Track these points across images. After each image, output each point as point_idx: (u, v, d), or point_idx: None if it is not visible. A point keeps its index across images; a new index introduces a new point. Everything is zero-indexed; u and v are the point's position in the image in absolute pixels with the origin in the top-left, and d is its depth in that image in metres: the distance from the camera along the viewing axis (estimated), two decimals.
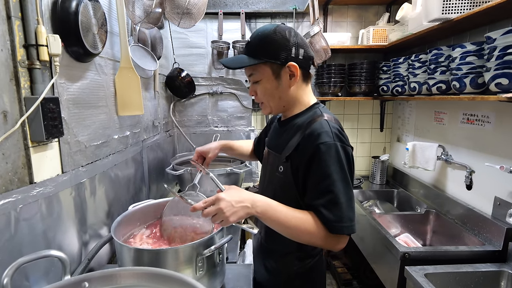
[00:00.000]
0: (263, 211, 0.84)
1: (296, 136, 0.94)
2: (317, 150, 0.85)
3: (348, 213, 0.84)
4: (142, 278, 0.70)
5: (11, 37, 0.78)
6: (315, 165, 0.86)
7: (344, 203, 0.84)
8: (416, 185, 2.14)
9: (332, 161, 0.84)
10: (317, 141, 0.86)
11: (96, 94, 1.20)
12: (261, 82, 0.96)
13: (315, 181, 0.87)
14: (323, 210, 0.84)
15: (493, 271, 1.31)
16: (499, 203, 1.44)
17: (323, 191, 0.85)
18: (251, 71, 0.96)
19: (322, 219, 0.84)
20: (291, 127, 1.00)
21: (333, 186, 0.84)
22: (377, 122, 2.59)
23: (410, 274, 1.27)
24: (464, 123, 1.69)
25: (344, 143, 0.88)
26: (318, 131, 0.88)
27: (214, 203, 0.81)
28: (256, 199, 0.84)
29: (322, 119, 0.92)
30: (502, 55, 1.19)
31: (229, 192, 0.83)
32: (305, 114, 0.99)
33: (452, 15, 1.41)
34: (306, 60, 0.96)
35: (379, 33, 2.18)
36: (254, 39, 0.94)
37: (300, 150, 0.91)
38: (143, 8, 1.27)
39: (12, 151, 0.78)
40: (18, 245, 0.78)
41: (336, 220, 0.83)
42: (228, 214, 0.79)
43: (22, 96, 0.81)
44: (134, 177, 1.59)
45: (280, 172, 0.98)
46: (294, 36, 0.93)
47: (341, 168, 0.85)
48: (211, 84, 2.51)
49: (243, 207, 0.82)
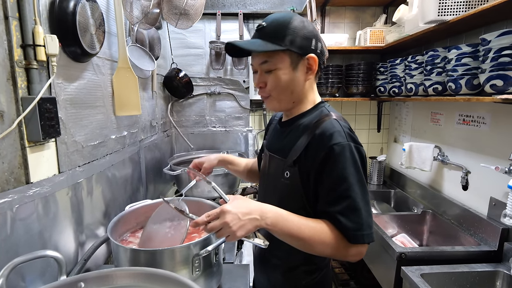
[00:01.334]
0: (273, 222, 0.75)
1: (303, 138, 0.86)
2: (330, 151, 0.78)
3: (367, 219, 0.77)
4: (138, 278, 0.70)
5: (9, 37, 0.79)
6: (328, 168, 0.79)
7: (362, 209, 0.77)
8: (413, 186, 2.15)
9: (348, 163, 0.78)
10: (330, 142, 0.79)
11: (94, 94, 1.20)
12: (276, 71, 0.85)
13: (330, 186, 0.79)
14: (341, 217, 0.77)
15: (488, 271, 1.32)
16: (495, 203, 1.45)
17: (339, 196, 0.78)
18: (265, 57, 0.85)
19: (340, 227, 0.77)
20: (296, 128, 0.91)
21: (350, 191, 0.77)
22: (374, 123, 2.60)
23: (406, 274, 1.28)
24: (460, 124, 1.71)
25: (357, 143, 0.82)
26: (330, 131, 0.80)
27: (219, 216, 0.72)
28: (265, 210, 0.76)
29: (332, 118, 0.85)
30: (497, 57, 1.20)
31: (235, 203, 0.75)
32: (311, 113, 0.91)
33: (448, 17, 1.42)
34: (322, 55, 0.89)
35: (376, 34, 2.19)
36: (272, 23, 0.84)
37: (310, 153, 0.83)
38: (141, 8, 1.27)
39: (9, 151, 0.78)
40: (14, 245, 0.78)
41: (355, 228, 0.76)
42: (235, 228, 0.71)
43: (19, 96, 0.81)
44: (131, 177, 1.59)
45: (286, 177, 0.89)
46: (315, 28, 0.86)
47: (357, 171, 0.78)
48: (209, 85, 2.51)
49: (251, 219, 0.73)
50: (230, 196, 0.80)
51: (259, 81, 0.90)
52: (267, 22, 0.85)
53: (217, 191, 0.85)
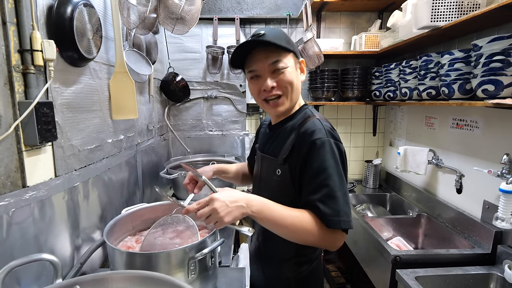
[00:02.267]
0: (258, 210, 0.82)
1: (290, 138, 0.95)
2: (312, 146, 0.87)
3: (344, 207, 0.84)
4: (134, 281, 0.70)
5: (6, 42, 0.79)
6: (310, 160, 0.87)
7: (340, 197, 0.83)
8: (408, 189, 2.17)
9: (327, 156, 0.85)
10: (311, 137, 0.87)
11: (91, 98, 1.20)
12: (287, 70, 0.93)
13: (311, 176, 0.87)
14: (320, 204, 0.83)
15: (482, 274, 1.33)
16: (488, 206, 1.47)
17: (319, 185, 0.85)
18: (277, 57, 0.92)
19: (319, 214, 0.84)
20: (284, 130, 1.01)
21: (328, 180, 0.84)
22: (369, 127, 2.62)
23: (401, 277, 1.29)
24: (453, 128, 1.73)
25: (337, 140, 0.90)
26: (312, 129, 0.89)
27: (208, 203, 0.79)
28: (251, 199, 0.83)
29: (314, 118, 0.94)
30: (488, 62, 1.22)
31: (223, 193, 0.82)
32: (296, 116, 1.01)
33: (441, 23, 1.45)
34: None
35: (371, 39, 2.22)
36: (270, 31, 0.92)
37: (295, 150, 0.92)
38: (138, 14, 1.28)
39: (5, 155, 0.79)
40: (9, 249, 0.78)
41: (333, 214, 0.82)
42: (223, 214, 0.78)
43: (16, 100, 0.82)
44: (128, 181, 1.60)
45: (278, 175, 0.97)
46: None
47: (336, 163, 0.86)
48: (205, 89, 2.52)
49: (238, 206, 0.80)
50: (219, 188, 0.86)
51: (271, 82, 0.93)
52: (265, 31, 0.91)
53: (208, 184, 0.91)
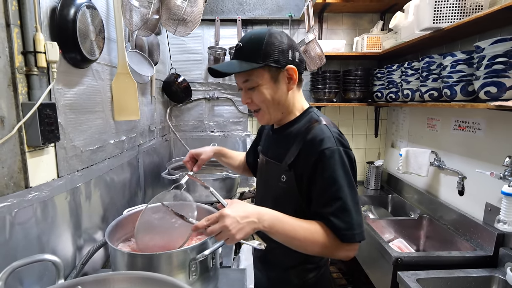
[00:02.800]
0: (270, 225, 0.79)
1: (296, 143, 0.92)
2: (321, 156, 0.84)
3: (357, 219, 0.82)
4: (135, 282, 0.71)
5: (10, 44, 0.80)
6: (320, 171, 0.84)
7: (352, 209, 0.81)
8: (410, 191, 2.16)
9: (337, 166, 0.83)
10: (320, 147, 0.84)
11: (93, 99, 1.21)
12: (258, 88, 0.90)
13: (322, 188, 0.84)
14: (333, 218, 0.81)
15: (484, 276, 1.32)
16: (490, 209, 1.47)
17: (330, 198, 0.82)
18: (246, 77, 0.90)
19: (333, 228, 0.81)
20: (289, 135, 0.97)
21: (340, 192, 0.82)
22: (371, 128, 2.62)
23: (402, 279, 1.29)
24: (456, 129, 1.72)
25: (346, 147, 0.87)
26: (320, 137, 0.86)
27: (218, 220, 0.75)
28: (262, 213, 0.79)
29: (322, 124, 0.90)
30: (491, 64, 1.22)
31: (233, 207, 0.77)
32: (301, 120, 0.97)
33: (443, 24, 1.45)
34: (301, 63, 0.94)
35: (373, 40, 2.22)
36: (248, 43, 0.89)
37: (302, 157, 0.89)
38: (140, 16, 1.29)
39: (9, 155, 0.79)
40: (12, 249, 0.79)
41: (346, 228, 0.80)
42: (234, 231, 0.74)
43: (20, 101, 0.83)
44: (130, 182, 1.60)
45: (283, 181, 0.94)
46: (288, 39, 0.91)
47: (346, 173, 0.83)
48: (207, 89, 2.53)
49: (249, 222, 0.76)
50: (227, 200, 0.82)
51: (245, 98, 0.95)
52: (243, 41, 0.90)
53: (215, 196, 0.86)
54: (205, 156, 1.22)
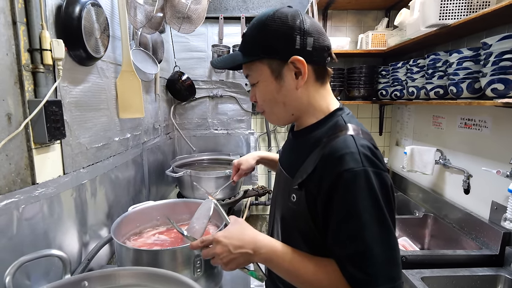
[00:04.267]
0: (266, 259, 0.68)
1: (312, 156, 0.71)
2: (339, 179, 0.62)
3: (387, 269, 0.60)
4: (141, 277, 0.71)
5: (16, 41, 0.81)
6: (337, 201, 0.63)
7: (379, 255, 0.59)
8: (415, 189, 2.15)
9: (362, 194, 0.61)
10: (339, 167, 0.63)
11: (98, 97, 1.22)
12: (258, 85, 0.76)
13: (338, 222, 0.64)
14: (348, 265, 0.62)
15: (490, 275, 1.31)
16: (496, 207, 1.45)
17: (348, 236, 0.62)
18: (247, 71, 0.77)
19: (348, 277, 0.62)
20: (307, 142, 0.76)
21: (362, 231, 0.60)
22: (376, 126, 2.61)
23: (407, 278, 1.28)
24: (461, 127, 1.71)
25: (378, 168, 0.64)
26: (340, 153, 0.64)
27: (212, 243, 0.70)
28: (259, 244, 0.69)
29: (347, 133, 0.68)
30: (498, 61, 1.20)
31: (229, 233, 0.70)
32: (325, 125, 0.75)
33: (449, 21, 1.43)
34: (318, 51, 0.73)
35: (378, 38, 2.20)
36: (249, 29, 0.74)
37: (316, 177, 0.67)
38: (145, 13, 1.29)
39: (16, 152, 0.80)
40: (19, 245, 0.80)
41: (366, 281, 0.59)
42: (225, 261, 0.67)
43: (26, 99, 0.83)
44: (134, 179, 1.61)
45: (293, 201, 0.74)
46: (301, 21, 0.70)
47: (375, 204, 0.61)
48: (211, 87, 2.53)
49: (243, 253, 0.67)
50: (231, 217, 0.77)
51: (251, 96, 0.82)
52: (248, 26, 0.75)
53: (219, 211, 0.84)
54: (246, 166, 1.11)
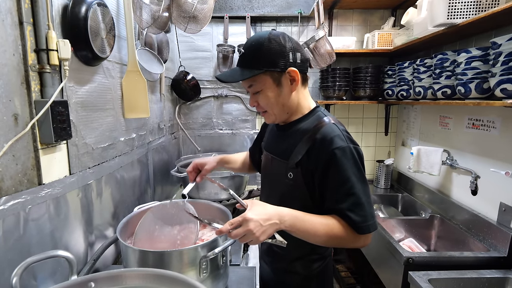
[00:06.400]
0: (291, 224, 0.83)
1: (303, 141, 0.94)
2: (333, 155, 0.87)
3: (370, 210, 0.88)
4: (147, 279, 0.71)
5: (23, 42, 0.81)
6: (333, 170, 0.88)
7: (365, 203, 0.87)
8: (421, 190, 2.13)
9: (349, 164, 0.87)
10: (331, 146, 0.88)
11: (104, 97, 1.22)
12: (262, 91, 0.94)
13: (336, 186, 0.88)
14: (349, 213, 0.86)
15: (498, 278, 1.30)
16: (505, 209, 1.43)
17: (345, 194, 0.87)
18: (250, 82, 0.95)
19: (349, 222, 0.87)
20: (295, 132, 0.99)
21: (354, 188, 0.86)
22: (382, 126, 2.58)
23: (413, 279, 1.27)
24: (469, 128, 1.69)
25: (355, 144, 0.91)
26: (331, 135, 0.89)
27: (242, 224, 0.78)
28: (283, 214, 0.83)
29: (330, 123, 0.93)
30: (508, 61, 1.18)
31: (255, 210, 0.80)
32: (308, 118, 0.99)
33: (458, 20, 1.41)
34: (304, 63, 0.96)
35: (384, 37, 2.18)
36: (249, 49, 0.93)
37: (312, 156, 0.91)
38: (151, 13, 1.29)
39: (22, 153, 0.80)
40: (26, 245, 0.80)
41: (362, 221, 0.86)
42: (258, 234, 0.78)
43: (33, 99, 0.83)
44: (140, 179, 1.61)
45: (290, 178, 0.97)
46: (288, 41, 0.92)
47: (358, 169, 0.88)
48: (216, 87, 2.53)
49: (271, 224, 0.80)
50: (247, 201, 0.86)
51: (252, 101, 1.00)
52: (245, 48, 0.94)
53: (235, 198, 0.91)
54: (209, 166, 1.21)
